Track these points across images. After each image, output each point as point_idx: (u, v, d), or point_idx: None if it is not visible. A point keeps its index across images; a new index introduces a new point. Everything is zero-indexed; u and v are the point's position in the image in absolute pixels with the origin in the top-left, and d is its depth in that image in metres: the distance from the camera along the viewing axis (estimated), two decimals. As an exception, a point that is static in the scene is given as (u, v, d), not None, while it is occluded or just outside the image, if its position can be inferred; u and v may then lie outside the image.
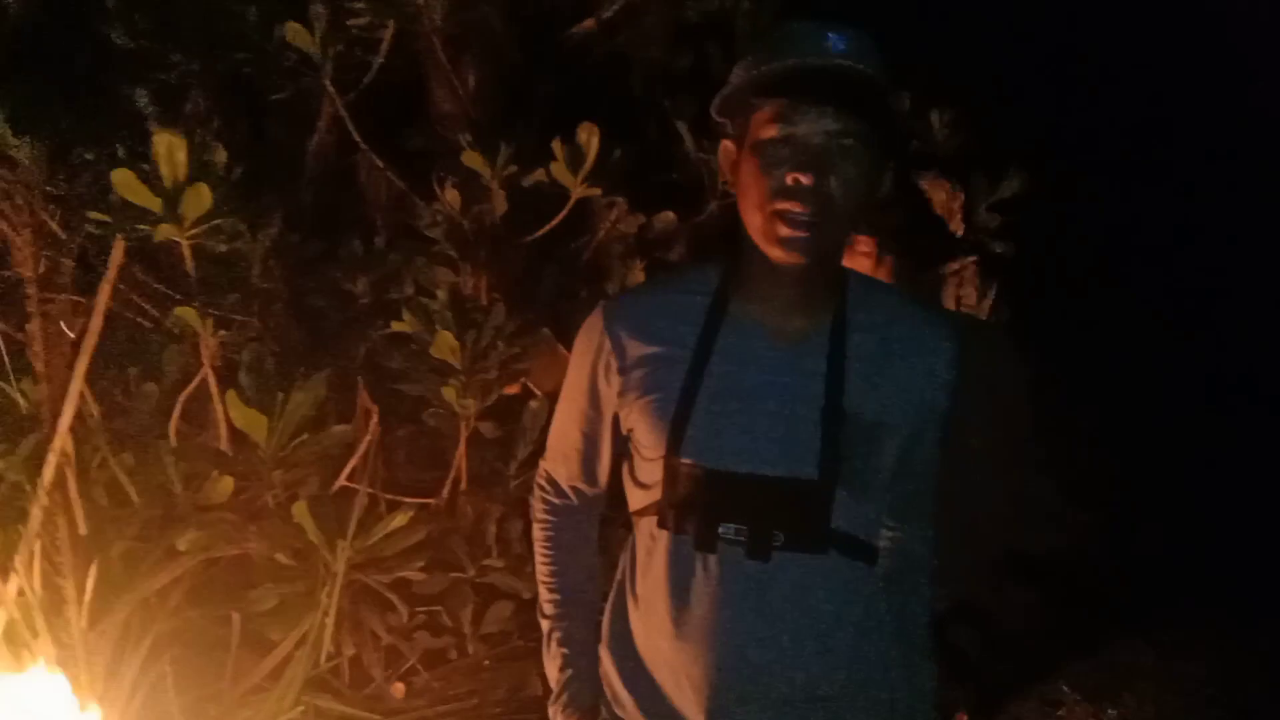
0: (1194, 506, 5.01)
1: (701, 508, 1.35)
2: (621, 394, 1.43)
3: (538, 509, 1.63)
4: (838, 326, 1.37)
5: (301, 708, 2.88)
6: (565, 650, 1.57)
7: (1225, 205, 6.84)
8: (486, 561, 3.33)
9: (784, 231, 1.29)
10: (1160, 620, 4.12)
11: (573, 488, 1.59)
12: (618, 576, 1.51)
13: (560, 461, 1.58)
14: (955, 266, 3.35)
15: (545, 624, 1.61)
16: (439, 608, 3.25)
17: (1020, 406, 1.64)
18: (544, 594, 1.61)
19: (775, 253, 1.32)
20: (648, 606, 1.41)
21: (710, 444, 1.35)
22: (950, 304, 3.27)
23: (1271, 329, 6.50)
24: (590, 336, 1.47)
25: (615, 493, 1.57)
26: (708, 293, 1.41)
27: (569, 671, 1.57)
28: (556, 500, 1.61)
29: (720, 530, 1.34)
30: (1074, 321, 5.81)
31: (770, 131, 1.29)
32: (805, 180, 1.26)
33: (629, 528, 1.50)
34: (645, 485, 1.42)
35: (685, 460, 1.36)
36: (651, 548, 1.41)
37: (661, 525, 1.39)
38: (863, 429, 1.34)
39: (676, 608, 1.36)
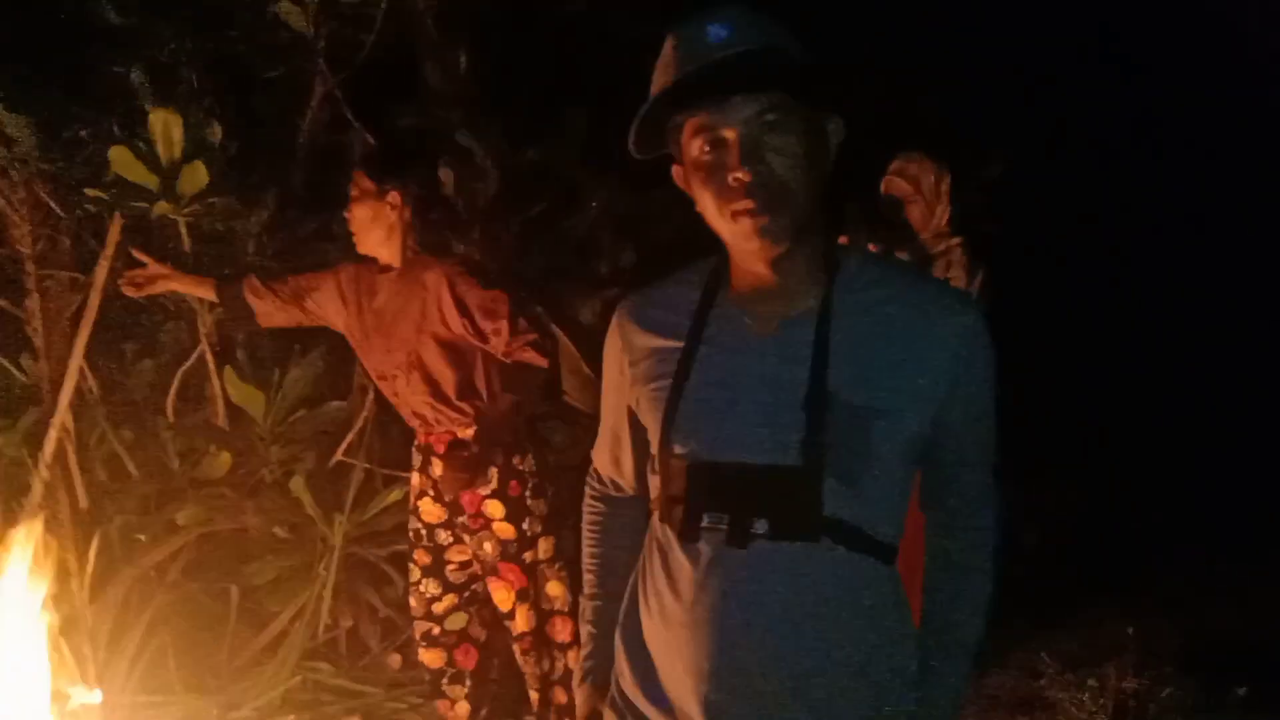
0: (1172, 484, 5.10)
1: (687, 498, 1.34)
2: (631, 387, 1.45)
3: (586, 496, 1.67)
4: (825, 309, 1.33)
5: (300, 678, 2.93)
6: (592, 629, 1.61)
7: (1216, 188, 6.87)
8: (481, 535, 3.38)
9: (747, 228, 1.27)
10: (1139, 592, 4.20)
11: (610, 479, 1.62)
12: (639, 563, 1.51)
13: (598, 452, 1.62)
14: (942, 247, 3.38)
15: (582, 602, 1.65)
16: (434, 581, 3.29)
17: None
18: (584, 574, 1.66)
19: (751, 247, 1.30)
20: (653, 594, 1.41)
21: (696, 434, 1.34)
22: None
23: (1255, 311, 6.58)
24: (611, 333, 1.50)
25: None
26: (701, 283, 1.41)
27: (589, 647, 1.62)
28: (598, 488, 1.65)
29: (704, 520, 1.32)
30: (1060, 302, 5.87)
31: (696, 145, 1.29)
32: (744, 176, 1.25)
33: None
34: (656, 475, 1.43)
35: (675, 450, 1.35)
36: (656, 537, 1.43)
37: (660, 517, 1.40)
38: (850, 414, 1.29)
39: (673, 597, 1.37)
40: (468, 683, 2.71)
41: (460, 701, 2.71)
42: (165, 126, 2.80)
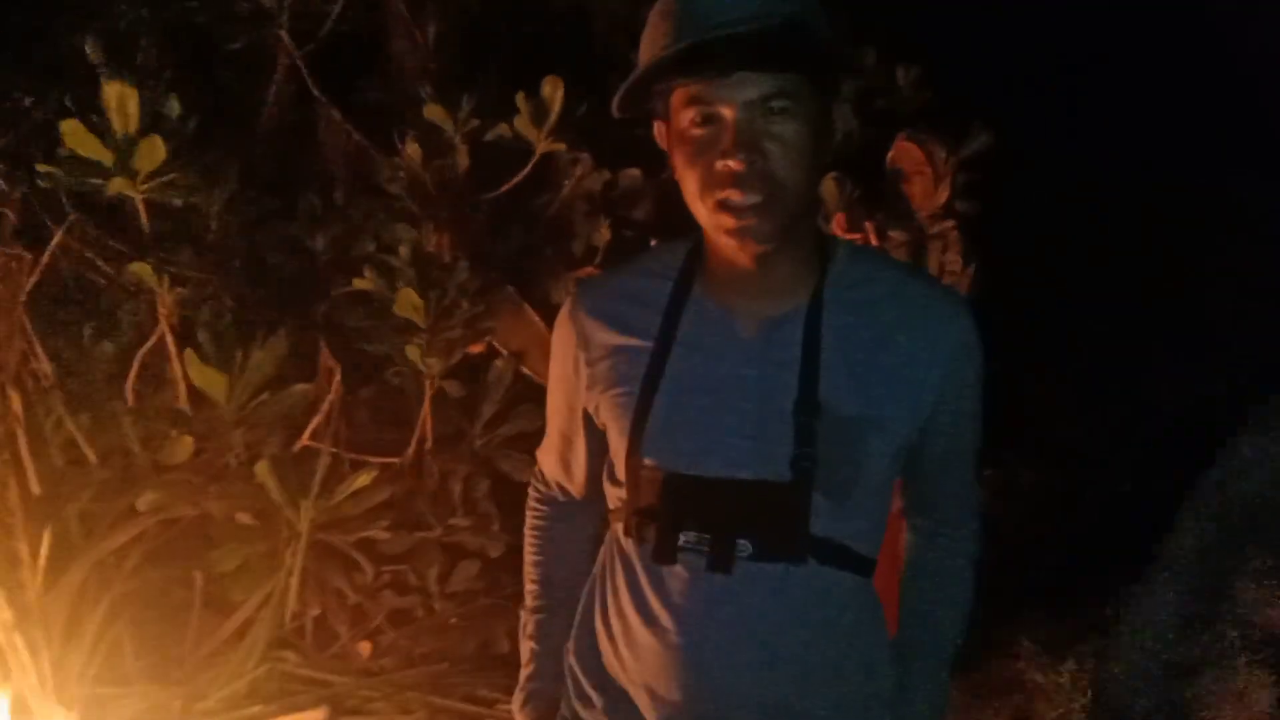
0: (1151, 466, 5.09)
1: (662, 514, 1.22)
2: (589, 387, 1.31)
3: (529, 500, 1.54)
4: (814, 309, 1.20)
5: (266, 667, 2.87)
6: (535, 646, 1.49)
7: (1209, 168, 6.81)
8: (452, 520, 3.31)
9: (729, 223, 1.13)
10: (1117, 576, 4.19)
11: (557, 483, 1.49)
12: (594, 573, 1.39)
13: (544, 454, 1.49)
14: (938, 229, 3.33)
15: (523, 615, 1.52)
16: (405, 567, 3.23)
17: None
18: (526, 584, 1.52)
19: (728, 243, 1.16)
20: (615, 615, 1.30)
21: (671, 444, 1.22)
22: (934, 269, 3.25)
23: (1245, 292, 6.56)
24: (562, 325, 1.35)
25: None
26: (672, 275, 1.27)
27: (531, 667, 1.49)
28: (544, 491, 1.52)
29: (680, 540, 1.21)
30: (1052, 285, 5.83)
31: (688, 116, 1.14)
32: (735, 166, 1.10)
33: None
34: (618, 485, 1.30)
35: (646, 461, 1.23)
36: (618, 552, 1.31)
37: (625, 532, 1.28)
38: (843, 425, 1.18)
39: (641, 620, 1.26)
40: None
41: None
42: (121, 99, 2.68)
